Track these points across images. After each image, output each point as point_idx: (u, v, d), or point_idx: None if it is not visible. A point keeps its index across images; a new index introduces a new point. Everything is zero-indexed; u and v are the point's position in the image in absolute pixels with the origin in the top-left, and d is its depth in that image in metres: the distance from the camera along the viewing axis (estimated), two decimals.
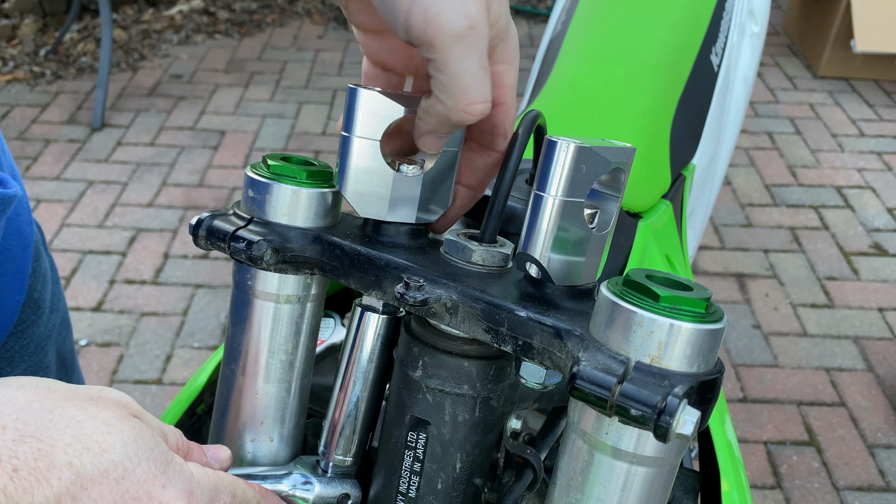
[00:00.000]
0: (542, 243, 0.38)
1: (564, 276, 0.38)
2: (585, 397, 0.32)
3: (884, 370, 2.02)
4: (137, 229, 2.43)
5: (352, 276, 0.43)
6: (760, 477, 1.76)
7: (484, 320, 0.38)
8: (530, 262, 0.38)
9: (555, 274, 0.38)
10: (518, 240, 0.46)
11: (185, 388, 0.65)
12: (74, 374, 0.86)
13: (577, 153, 0.36)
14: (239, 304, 0.47)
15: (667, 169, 0.85)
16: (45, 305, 0.75)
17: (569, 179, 0.36)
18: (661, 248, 0.76)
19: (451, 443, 0.43)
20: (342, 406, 0.47)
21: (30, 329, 0.72)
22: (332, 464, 0.48)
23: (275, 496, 0.45)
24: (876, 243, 2.45)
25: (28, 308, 0.72)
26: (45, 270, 0.76)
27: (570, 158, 0.36)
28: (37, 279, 0.73)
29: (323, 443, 0.48)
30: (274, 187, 0.43)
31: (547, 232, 0.37)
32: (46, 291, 0.76)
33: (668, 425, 0.30)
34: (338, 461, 0.48)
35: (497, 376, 0.43)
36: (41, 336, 0.74)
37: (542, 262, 0.38)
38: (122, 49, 3.47)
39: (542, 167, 0.37)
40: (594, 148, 0.37)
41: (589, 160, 0.37)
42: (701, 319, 0.32)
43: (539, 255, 0.38)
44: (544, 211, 0.37)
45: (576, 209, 0.37)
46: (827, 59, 3.28)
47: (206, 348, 2.04)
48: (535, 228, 0.38)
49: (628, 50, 0.90)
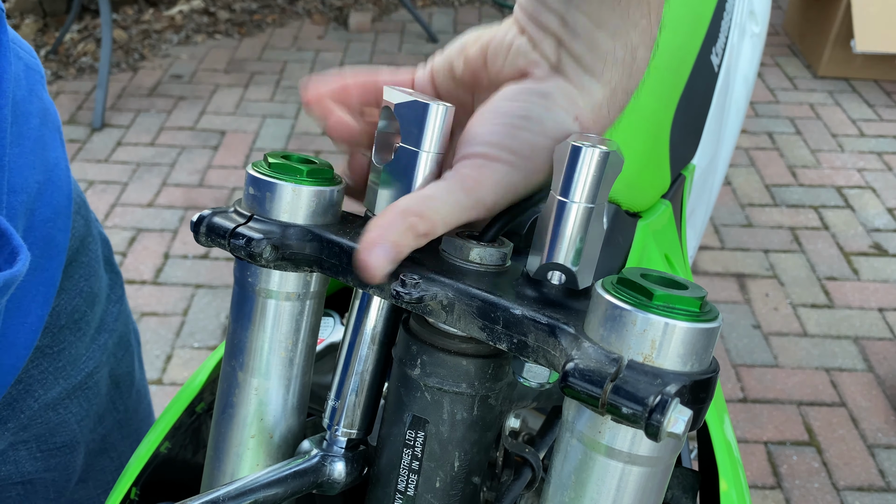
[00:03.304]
0: (566, 250, 0.38)
1: (585, 279, 0.39)
2: (577, 395, 0.32)
3: (884, 370, 2.02)
4: (137, 229, 2.44)
5: (350, 274, 0.43)
6: (760, 477, 1.76)
7: (479, 318, 0.38)
8: (556, 270, 0.39)
9: (581, 280, 0.38)
10: (516, 239, 0.46)
11: (184, 387, 0.65)
12: (132, 398, 0.83)
13: (602, 159, 0.36)
14: (240, 301, 0.47)
15: (666, 169, 0.85)
16: (88, 326, 0.72)
17: (595, 185, 0.37)
18: (660, 248, 0.76)
19: (450, 441, 0.43)
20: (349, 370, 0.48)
21: (67, 350, 0.69)
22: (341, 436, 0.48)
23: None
24: (876, 243, 2.45)
25: (67, 329, 0.69)
26: (96, 290, 0.72)
27: (596, 164, 0.36)
28: (81, 298, 0.70)
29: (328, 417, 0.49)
30: (274, 185, 0.44)
31: (572, 239, 0.38)
32: (94, 311, 0.72)
33: (658, 424, 0.30)
34: (345, 433, 0.48)
35: (495, 375, 0.43)
36: (80, 357, 0.71)
37: (572, 269, 0.38)
38: (122, 49, 3.47)
39: (565, 173, 0.37)
40: (616, 152, 0.37)
41: (611, 164, 0.37)
42: (695, 318, 0.32)
43: (566, 262, 0.38)
44: (569, 218, 0.37)
45: (598, 214, 0.38)
46: (827, 59, 3.28)
47: (207, 348, 2.04)
48: (560, 236, 0.38)
49: None
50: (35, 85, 0.62)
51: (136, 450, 0.62)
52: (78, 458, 0.76)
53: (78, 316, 0.70)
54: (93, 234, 0.73)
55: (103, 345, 0.74)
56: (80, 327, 0.70)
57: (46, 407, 0.70)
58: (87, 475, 0.80)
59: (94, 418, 0.77)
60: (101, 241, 0.75)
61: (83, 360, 0.72)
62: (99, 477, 0.82)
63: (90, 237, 0.72)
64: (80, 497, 0.81)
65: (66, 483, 0.77)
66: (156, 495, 0.62)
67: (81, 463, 0.77)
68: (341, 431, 0.48)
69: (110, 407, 0.79)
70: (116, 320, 0.77)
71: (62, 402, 0.71)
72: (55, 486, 0.76)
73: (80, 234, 0.70)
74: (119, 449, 0.83)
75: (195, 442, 0.65)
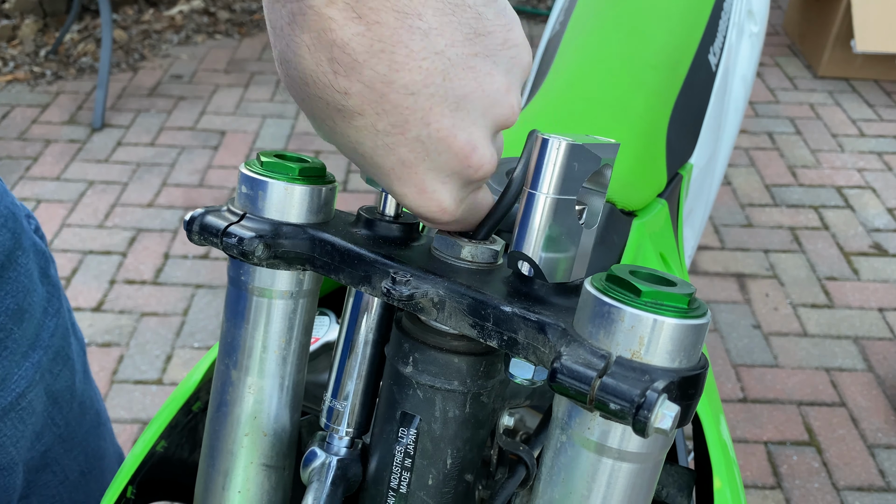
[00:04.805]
0: (534, 241, 0.38)
1: (556, 273, 0.39)
2: (566, 391, 0.32)
3: (884, 370, 2.02)
4: (138, 229, 2.44)
5: (342, 272, 0.43)
6: (760, 477, 1.76)
7: (470, 315, 0.38)
8: (523, 260, 0.39)
9: (547, 272, 0.38)
10: (508, 236, 0.46)
11: (180, 386, 0.65)
12: (73, 412, 0.80)
13: (569, 150, 0.36)
14: (233, 300, 0.47)
15: (663, 168, 0.85)
16: (17, 345, 0.68)
17: (561, 177, 0.37)
18: (655, 247, 0.76)
19: (442, 438, 0.43)
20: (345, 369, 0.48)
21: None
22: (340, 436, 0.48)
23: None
24: (876, 243, 2.45)
25: None
26: (25, 306, 0.68)
27: (563, 156, 0.36)
28: (7, 316, 0.66)
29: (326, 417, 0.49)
30: (267, 183, 0.44)
31: (539, 230, 0.37)
32: (24, 329, 0.68)
33: (646, 420, 0.30)
34: (345, 431, 0.48)
35: (487, 372, 0.43)
36: (10, 377, 0.68)
37: (536, 260, 0.38)
38: (122, 49, 3.48)
39: (534, 165, 0.37)
40: (586, 145, 0.37)
41: (580, 157, 0.37)
42: (683, 315, 0.32)
43: (532, 254, 0.38)
44: (536, 209, 0.37)
45: (568, 206, 0.38)
46: (827, 59, 3.28)
47: (207, 348, 2.04)
48: (527, 227, 0.38)
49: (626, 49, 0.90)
50: None
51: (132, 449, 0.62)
52: (17, 478, 0.73)
53: (4, 335, 0.67)
54: (23, 246, 0.69)
55: (37, 362, 0.71)
56: (6, 346, 0.67)
57: None
58: (29, 491, 0.77)
59: (31, 437, 0.73)
60: (34, 253, 0.71)
61: (14, 379, 0.68)
62: (43, 492, 0.79)
63: (19, 251, 0.68)
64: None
65: (8, 502, 0.74)
66: (152, 494, 0.62)
67: (21, 481, 0.74)
68: (343, 431, 0.48)
69: (49, 423, 0.76)
70: (52, 335, 0.73)
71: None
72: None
73: (7, 248, 0.66)
74: (62, 463, 0.80)
75: (191, 440, 0.65)
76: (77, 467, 0.82)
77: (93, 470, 0.85)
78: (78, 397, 0.81)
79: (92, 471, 0.85)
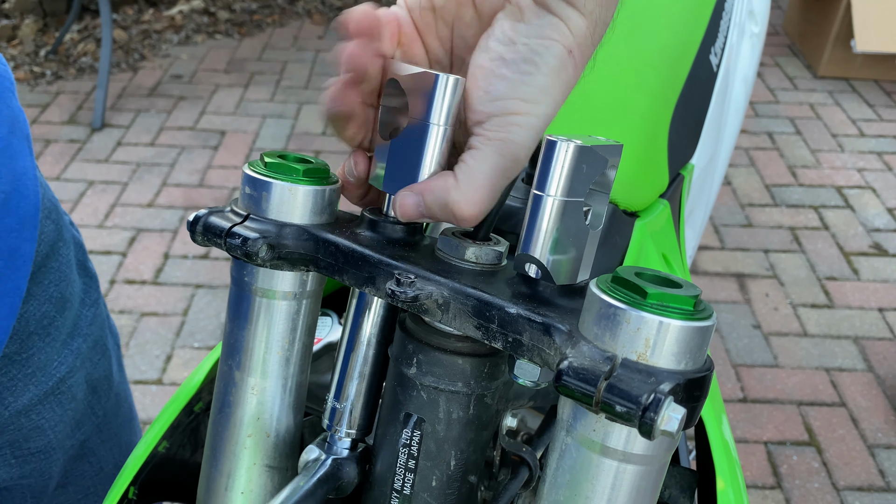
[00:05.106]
0: (542, 244, 0.38)
1: (564, 275, 0.39)
2: (571, 393, 0.32)
3: (884, 370, 2.02)
4: (137, 229, 2.44)
5: (346, 273, 0.43)
6: (760, 477, 1.76)
7: (475, 317, 0.38)
8: (530, 262, 0.39)
9: (555, 274, 0.38)
10: (513, 238, 0.46)
11: (182, 387, 0.65)
12: (110, 402, 0.82)
13: (577, 153, 0.36)
14: (236, 301, 0.47)
15: (664, 168, 0.85)
16: (59, 332, 0.70)
17: (569, 179, 0.37)
18: (657, 248, 0.76)
19: (446, 440, 0.43)
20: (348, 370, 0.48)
21: (36, 356, 0.68)
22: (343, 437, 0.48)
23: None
24: (876, 243, 2.45)
25: (36, 335, 0.68)
26: (67, 295, 0.71)
27: (571, 158, 0.36)
28: (50, 304, 0.69)
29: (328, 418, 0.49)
30: (270, 184, 0.44)
31: (547, 232, 0.37)
32: (65, 317, 0.71)
33: (652, 422, 0.30)
34: (347, 433, 0.48)
35: (491, 374, 0.43)
36: (51, 362, 0.70)
37: (544, 262, 0.38)
38: (122, 49, 3.47)
39: (541, 167, 0.37)
40: (594, 147, 0.37)
41: (588, 159, 0.37)
42: (689, 317, 0.32)
43: (539, 256, 0.38)
44: (544, 211, 0.37)
45: (575, 209, 0.37)
46: (827, 59, 3.28)
47: (207, 348, 2.04)
48: (535, 229, 0.38)
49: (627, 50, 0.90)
50: (4, 92, 0.61)
51: (133, 449, 0.62)
52: (55, 464, 0.75)
53: (47, 322, 0.69)
54: (64, 238, 0.72)
55: (76, 350, 0.73)
56: (49, 333, 0.69)
57: (18, 413, 0.69)
58: (66, 480, 0.79)
59: (71, 423, 0.76)
60: (74, 245, 0.73)
61: (54, 365, 0.71)
62: (79, 482, 0.81)
63: (61, 242, 0.71)
64: (60, 502, 0.80)
65: (44, 489, 0.76)
66: (154, 494, 0.62)
67: (59, 468, 0.76)
68: (343, 432, 0.48)
69: (88, 412, 0.78)
70: (91, 324, 0.76)
71: (34, 408, 0.70)
72: (32, 492, 0.75)
73: (51, 239, 0.69)
74: (98, 454, 0.82)
75: (193, 441, 0.65)
76: (112, 459, 0.84)
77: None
78: (115, 388, 0.83)
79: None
